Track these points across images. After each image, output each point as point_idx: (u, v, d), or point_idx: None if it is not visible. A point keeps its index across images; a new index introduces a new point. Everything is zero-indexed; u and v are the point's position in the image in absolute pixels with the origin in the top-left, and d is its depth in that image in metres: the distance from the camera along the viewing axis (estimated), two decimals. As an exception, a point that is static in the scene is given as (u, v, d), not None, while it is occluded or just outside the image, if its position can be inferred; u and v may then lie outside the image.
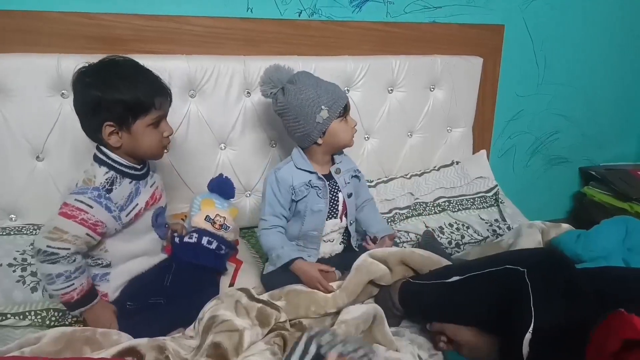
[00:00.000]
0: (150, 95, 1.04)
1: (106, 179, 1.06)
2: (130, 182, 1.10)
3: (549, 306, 0.87)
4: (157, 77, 1.09)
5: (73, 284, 1.02)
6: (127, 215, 1.09)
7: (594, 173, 2.31)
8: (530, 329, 0.85)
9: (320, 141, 1.26)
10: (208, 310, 1.04)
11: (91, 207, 1.02)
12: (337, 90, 1.27)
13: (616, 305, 0.81)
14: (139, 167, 1.12)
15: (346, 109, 1.27)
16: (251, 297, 1.10)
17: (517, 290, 0.91)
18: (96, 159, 1.08)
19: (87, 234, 1.02)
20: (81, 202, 1.02)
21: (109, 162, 1.07)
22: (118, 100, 1.01)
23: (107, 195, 1.04)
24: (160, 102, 1.06)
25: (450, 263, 1.22)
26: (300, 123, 1.24)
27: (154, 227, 1.18)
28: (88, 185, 1.04)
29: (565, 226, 1.45)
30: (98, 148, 1.08)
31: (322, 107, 1.22)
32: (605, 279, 1.02)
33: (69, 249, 1.00)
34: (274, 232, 1.28)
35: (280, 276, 1.23)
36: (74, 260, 1.01)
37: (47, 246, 0.99)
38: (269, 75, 1.26)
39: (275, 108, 1.30)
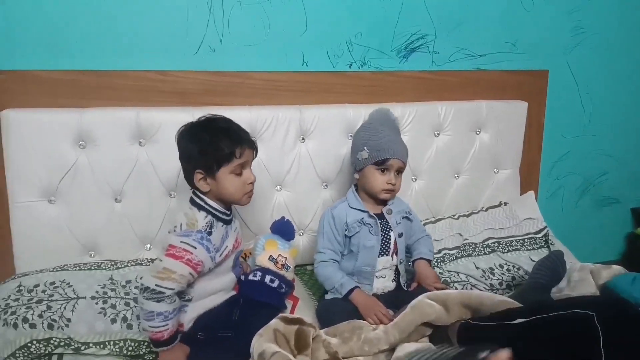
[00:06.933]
0: (232, 146, 1.16)
1: (206, 223, 1.18)
2: (222, 226, 1.21)
3: (620, 349, 0.87)
4: (241, 130, 1.22)
5: (167, 324, 1.10)
6: (220, 256, 1.19)
7: (646, 214, 2.26)
8: None
9: (357, 176, 1.42)
10: (254, 350, 1.07)
11: (195, 248, 1.12)
12: (391, 144, 1.36)
13: None
14: (228, 212, 1.24)
15: (386, 164, 1.35)
16: (286, 321, 1.14)
17: (585, 334, 0.91)
18: (194, 203, 1.20)
19: (190, 273, 1.12)
20: (187, 244, 1.12)
21: (207, 207, 1.19)
22: (204, 150, 1.16)
23: (208, 237, 1.16)
24: (240, 151, 1.18)
25: (510, 306, 1.19)
26: (352, 151, 1.45)
27: (233, 268, 1.29)
28: (191, 228, 1.15)
29: (617, 268, 1.43)
30: (195, 194, 1.21)
31: (365, 147, 1.36)
32: None
33: (174, 288, 1.09)
34: (331, 264, 1.38)
35: (336, 306, 1.31)
36: (174, 301, 1.11)
37: (156, 285, 1.08)
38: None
39: None
